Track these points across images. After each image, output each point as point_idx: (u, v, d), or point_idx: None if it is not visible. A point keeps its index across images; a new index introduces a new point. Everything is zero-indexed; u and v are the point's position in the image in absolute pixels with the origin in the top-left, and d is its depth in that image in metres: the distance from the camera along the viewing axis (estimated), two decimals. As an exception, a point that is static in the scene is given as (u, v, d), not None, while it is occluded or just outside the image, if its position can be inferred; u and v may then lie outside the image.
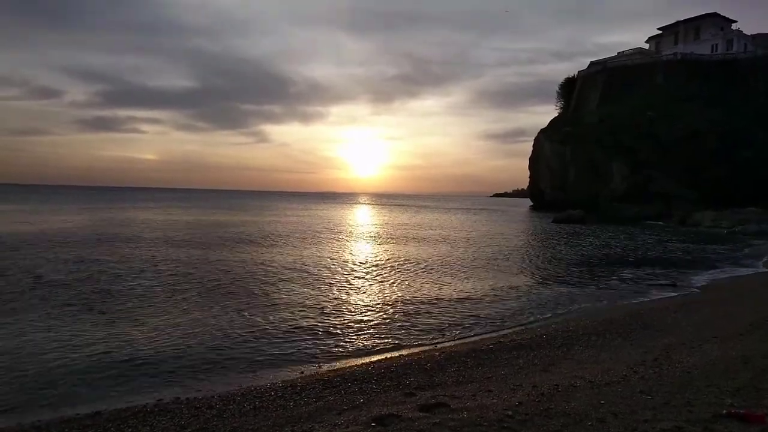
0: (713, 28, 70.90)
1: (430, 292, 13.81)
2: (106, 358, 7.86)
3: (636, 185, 60.55)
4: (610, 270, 19.20)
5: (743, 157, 56.33)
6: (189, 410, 5.71)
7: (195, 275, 15.35)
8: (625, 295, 14.32)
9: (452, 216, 61.56)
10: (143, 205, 67.16)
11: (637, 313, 11.42)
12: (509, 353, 8.01)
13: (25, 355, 7.90)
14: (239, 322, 10.19)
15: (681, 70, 66.45)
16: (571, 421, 4.22)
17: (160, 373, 7.34)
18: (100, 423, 5.40)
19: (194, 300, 12.04)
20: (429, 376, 6.80)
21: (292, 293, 13.14)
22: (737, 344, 7.56)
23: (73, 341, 8.62)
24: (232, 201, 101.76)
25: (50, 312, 10.52)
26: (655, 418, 4.24)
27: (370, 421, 4.48)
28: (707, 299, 13.49)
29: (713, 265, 21.37)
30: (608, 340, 8.77)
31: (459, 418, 4.38)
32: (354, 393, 6.10)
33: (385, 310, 11.68)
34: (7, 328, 9.32)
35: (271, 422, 5.12)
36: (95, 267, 16.24)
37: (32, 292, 12.31)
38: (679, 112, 61.34)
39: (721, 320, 9.98)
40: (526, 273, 17.98)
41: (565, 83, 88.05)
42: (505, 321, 11.09)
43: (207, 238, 27.07)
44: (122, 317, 10.30)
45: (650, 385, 5.48)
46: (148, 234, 28.00)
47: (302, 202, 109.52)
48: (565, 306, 12.82)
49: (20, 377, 7.04)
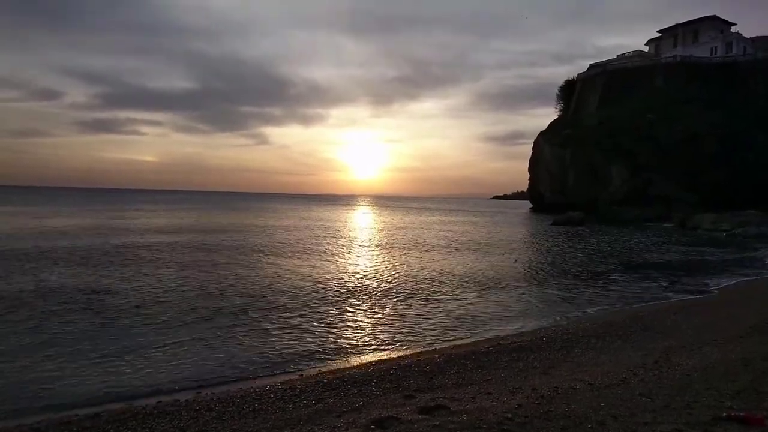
0: (712, 31, 70.99)
1: (429, 294, 13.80)
2: (103, 360, 7.86)
3: (636, 188, 60.52)
4: (609, 272, 19.19)
5: (743, 160, 56.35)
6: (188, 412, 5.71)
7: (198, 279, 15.35)
8: (625, 298, 14.31)
9: (452, 218, 61.55)
10: (146, 208, 67.10)
11: (637, 315, 11.41)
12: (509, 356, 8.01)
13: (23, 358, 7.90)
14: (238, 323, 10.19)
15: (680, 72, 66.49)
16: (571, 424, 4.21)
17: (159, 374, 7.34)
18: (100, 425, 5.39)
19: (195, 302, 12.04)
20: (428, 378, 6.80)
21: (291, 295, 13.13)
22: (737, 347, 7.55)
23: (71, 344, 8.61)
24: (234, 203, 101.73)
25: (51, 312, 10.53)
26: (654, 421, 4.23)
27: (370, 424, 4.48)
28: (707, 302, 13.50)
29: (713, 268, 21.36)
30: (608, 343, 8.76)
31: (458, 420, 4.38)
32: (353, 395, 6.09)
33: (385, 312, 11.68)
34: (7, 327, 9.33)
35: (270, 424, 5.11)
36: (97, 273, 16.24)
37: (33, 298, 12.31)
38: (678, 114, 61.36)
39: (721, 323, 9.97)
40: (525, 275, 17.97)
41: (564, 86, 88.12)
42: (504, 323, 11.09)
43: (209, 241, 27.08)
44: (121, 316, 10.30)
45: (650, 387, 5.48)
46: (150, 238, 28.00)
47: (304, 204, 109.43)
48: (565, 308, 12.81)
49: (19, 379, 7.04)
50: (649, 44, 79.57)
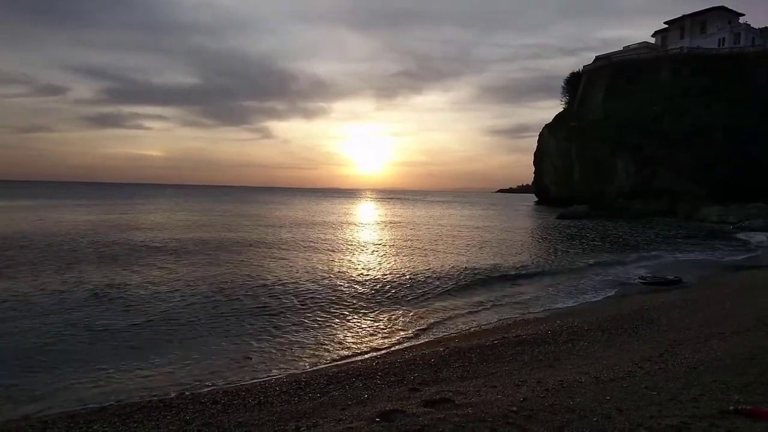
0: (720, 22, 70.10)
1: (435, 287, 13.80)
2: (109, 358, 7.92)
3: (642, 181, 60.12)
4: (614, 265, 19.14)
5: (750, 153, 55.80)
6: (194, 405, 5.74)
7: (213, 275, 15.41)
8: (630, 291, 14.26)
9: (458, 212, 61.45)
10: (163, 203, 67.34)
11: (642, 309, 11.35)
12: (514, 349, 7.99)
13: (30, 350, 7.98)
14: (244, 316, 10.24)
15: (687, 64, 65.80)
16: (576, 417, 4.20)
17: (163, 372, 7.38)
18: (106, 417, 5.43)
19: (203, 297, 12.10)
20: (433, 371, 6.80)
21: (297, 289, 13.17)
22: (744, 340, 7.50)
23: (77, 341, 8.68)
24: (241, 197, 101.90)
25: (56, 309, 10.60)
26: (660, 414, 4.21)
27: (375, 417, 4.48)
28: (713, 295, 13.40)
29: (719, 260, 21.24)
30: (613, 336, 8.73)
31: (463, 413, 4.37)
32: (358, 388, 6.10)
33: (390, 305, 11.69)
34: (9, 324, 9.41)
35: (276, 417, 5.12)
36: (110, 269, 16.33)
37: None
38: (685, 107, 60.76)
39: (728, 316, 9.90)
40: (530, 269, 17.93)
41: (570, 78, 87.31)
42: (510, 316, 11.08)
43: (220, 236, 27.18)
44: (127, 308, 10.37)
45: (656, 380, 5.45)
46: (164, 233, 28.12)
47: (312, 198, 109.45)
48: (570, 302, 12.79)
49: (27, 371, 7.11)
50: (656, 36, 78.70)
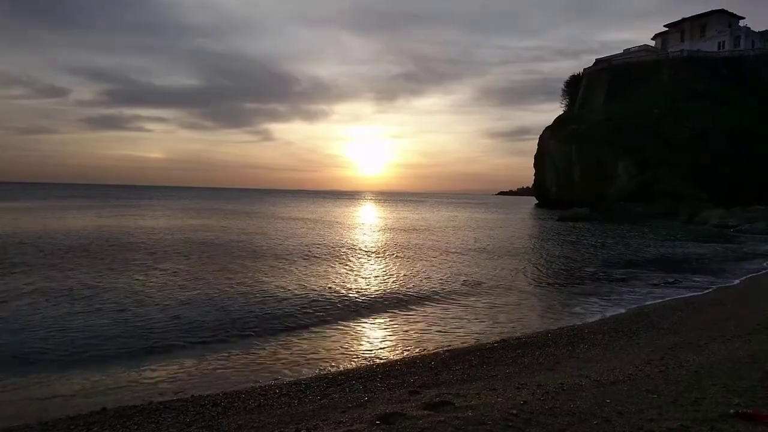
0: (720, 25, 70.23)
1: (434, 290, 13.79)
2: (112, 358, 7.92)
3: (643, 184, 60.10)
4: (614, 268, 19.08)
5: (751, 155, 55.80)
6: (194, 407, 5.73)
7: (216, 280, 15.42)
8: (631, 294, 14.23)
9: (459, 214, 61.44)
10: (166, 205, 67.37)
11: (643, 312, 11.35)
12: (514, 352, 7.99)
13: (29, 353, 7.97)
14: (246, 319, 10.23)
15: (688, 67, 65.89)
16: (577, 420, 4.19)
17: (166, 372, 7.37)
18: (106, 420, 5.43)
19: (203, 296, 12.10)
20: (434, 374, 6.79)
21: (296, 291, 13.17)
22: (745, 344, 7.48)
23: (81, 342, 8.68)
24: (243, 200, 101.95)
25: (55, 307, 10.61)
26: (661, 417, 4.20)
27: (375, 420, 4.47)
28: (714, 298, 13.39)
29: (719, 264, 21.20)
30: (614, 339, 8.72)
31: (463, 416, 4.36)
32: (358, 391, 6.09)
33: (390, 308, 11.68)
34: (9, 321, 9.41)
35: (276, 420, 5.12)
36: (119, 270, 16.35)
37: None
38: (685, 109, 60.84)
39: (729, 319, 9.89)
40: (530, 271, 17.92)
41: (570, 81, 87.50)
42: (509, 319, 11.06)
43: (221, 240, 27.19)
44: (128, 306, 10.37)
45: (656, 384, 5.44)
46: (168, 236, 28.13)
47: (314, 200, 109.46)
48: (570, 305, 12.77)
49: (27, 373, 7.11)
50: (656, 39, 78.87)
